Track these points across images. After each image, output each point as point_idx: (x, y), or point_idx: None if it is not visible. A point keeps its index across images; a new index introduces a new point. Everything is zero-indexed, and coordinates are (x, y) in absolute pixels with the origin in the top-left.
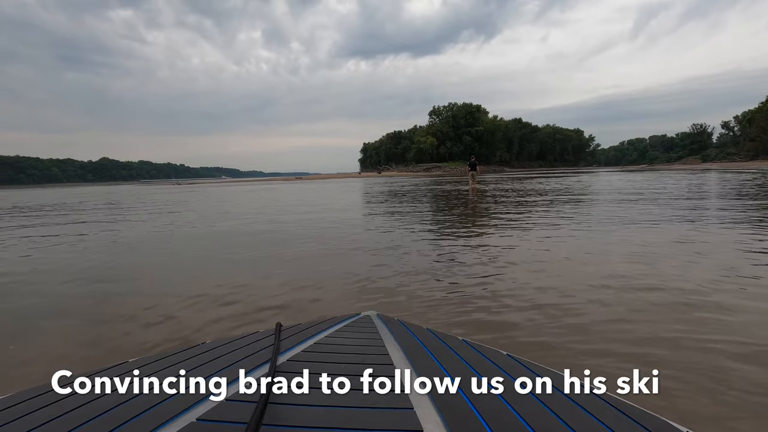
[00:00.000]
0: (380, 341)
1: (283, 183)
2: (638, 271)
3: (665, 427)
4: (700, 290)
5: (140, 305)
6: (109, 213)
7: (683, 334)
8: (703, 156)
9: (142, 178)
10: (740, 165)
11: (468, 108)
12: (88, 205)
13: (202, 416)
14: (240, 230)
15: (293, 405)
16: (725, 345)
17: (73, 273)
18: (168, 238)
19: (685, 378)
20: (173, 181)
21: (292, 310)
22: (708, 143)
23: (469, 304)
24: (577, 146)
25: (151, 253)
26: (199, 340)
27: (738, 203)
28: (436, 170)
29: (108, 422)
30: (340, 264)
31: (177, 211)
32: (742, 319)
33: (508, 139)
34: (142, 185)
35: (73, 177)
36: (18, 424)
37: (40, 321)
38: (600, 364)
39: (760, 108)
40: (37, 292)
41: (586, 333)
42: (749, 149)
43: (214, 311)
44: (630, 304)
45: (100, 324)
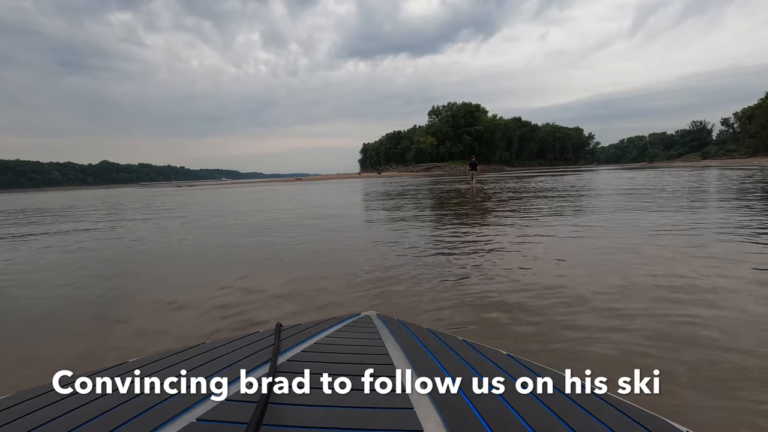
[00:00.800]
0: (380, 341)
1: (283, 184)
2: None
3: (665, 427)
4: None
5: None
6: (118, 217)
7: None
8: (703, 153)
9: (142, 180)
10: (740, 162)
11: (467, 107)
12: (90, 209)
13: (202, 416)
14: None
15: (293, 405)
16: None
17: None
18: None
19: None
20: (173, 183)
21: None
22: (708, 140)
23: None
24: (576, 144)
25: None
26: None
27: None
28: (436, 170)
29: (108, 422)
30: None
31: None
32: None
33: (507, 138)
34: (142, 188)
35: (74, 180)
36: (18, 424)
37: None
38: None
39: (759, 104)
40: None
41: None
42: (749, 146)
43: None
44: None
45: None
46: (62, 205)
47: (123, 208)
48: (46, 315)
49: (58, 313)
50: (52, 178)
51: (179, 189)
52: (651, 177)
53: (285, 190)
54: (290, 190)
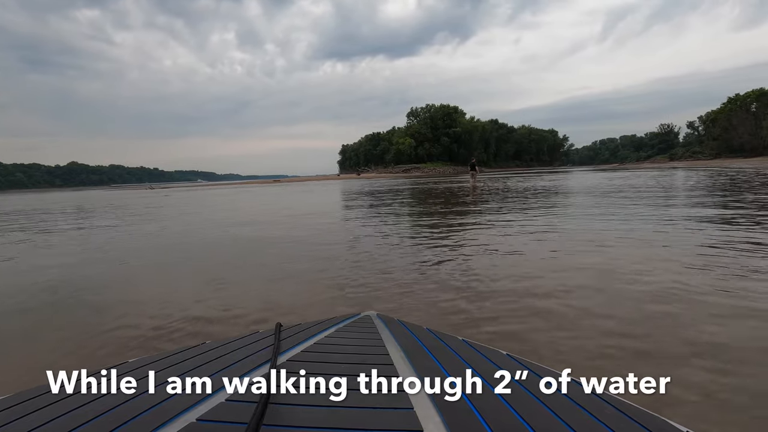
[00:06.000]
0: (380, 341)
1: (260, 186)
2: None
3: (665, 427)
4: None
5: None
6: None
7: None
8: (670, 155)
9: (114, 182)
10: (704, 163)
11: (446, 109)
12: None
13: (202, 416)
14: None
15: (293, 405)
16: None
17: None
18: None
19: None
20: (146, 185)
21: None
22: (675, 142)
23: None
24: (552, 146)
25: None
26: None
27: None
28: (415, 171)
29: (108, 422)
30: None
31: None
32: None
33: (485, 140)
34: (113, 190)
35: (40, 182)
36: (18, 424)
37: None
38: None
39: (722, 109)
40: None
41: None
42: (713, 148)
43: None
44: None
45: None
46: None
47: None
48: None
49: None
50: (17, 179)
51: (151, 191)
52: (625, 178)
53: (260, 191)
54: (266, 192)
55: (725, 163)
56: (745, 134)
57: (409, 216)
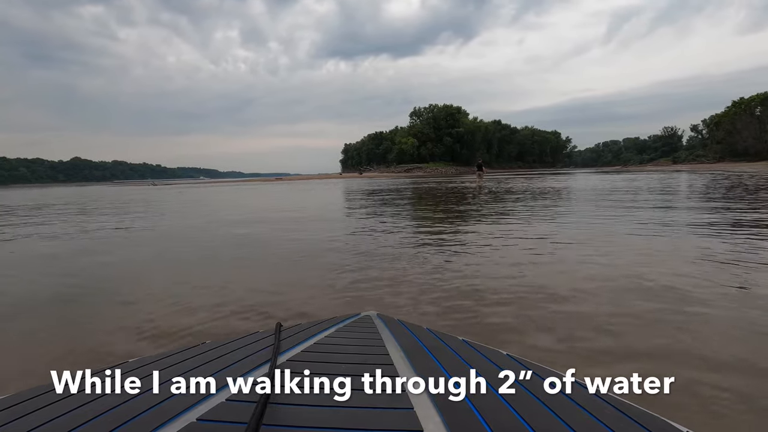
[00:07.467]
0: (380, 341)
1: (264, 184)
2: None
3: (665, 427)
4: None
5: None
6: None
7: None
8: (674, 158)
9: (117, 178)
10: (708, 166)
11: (448, 109)
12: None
13: (202, 416)
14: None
15: (293, 405)
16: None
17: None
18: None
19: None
20: (149, 181)
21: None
22: (678, 146)
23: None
24: (555, 148)
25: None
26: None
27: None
28: (418, 171)
29: (108, 422)
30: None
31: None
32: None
33: (487, 140)
34: (116, 185)
35: (43, 177)
36: (18, 424)
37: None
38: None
39: (725, 112)
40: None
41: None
42: (716, 151)
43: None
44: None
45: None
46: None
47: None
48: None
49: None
50: (20, 174)
51: (154, 187)
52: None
53: (267, 189)
54: (273, 189)
55: (729, 166)
56: (749, 138)
57: (429, 220)
